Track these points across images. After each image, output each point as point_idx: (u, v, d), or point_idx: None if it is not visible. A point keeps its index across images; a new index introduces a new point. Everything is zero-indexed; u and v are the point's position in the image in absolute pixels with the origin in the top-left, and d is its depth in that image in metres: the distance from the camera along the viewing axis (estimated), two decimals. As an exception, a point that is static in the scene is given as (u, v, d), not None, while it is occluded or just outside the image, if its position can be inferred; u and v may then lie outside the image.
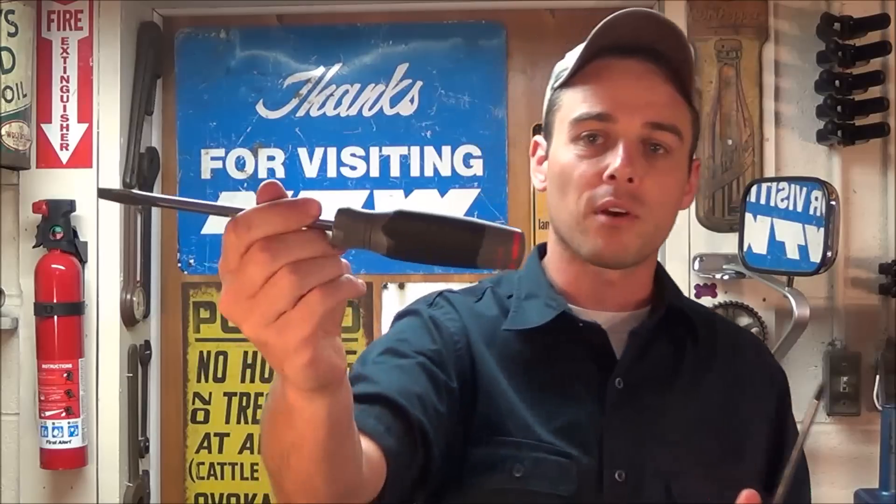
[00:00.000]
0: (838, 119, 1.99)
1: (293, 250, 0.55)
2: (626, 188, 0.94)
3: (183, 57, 2.30)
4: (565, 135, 0.99)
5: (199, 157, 2.29)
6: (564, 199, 0.98)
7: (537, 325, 0.99)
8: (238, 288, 0.56)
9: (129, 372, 2.17)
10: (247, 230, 0.55)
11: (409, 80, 2.25)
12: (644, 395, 0.97)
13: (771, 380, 1.08)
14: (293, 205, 0.55)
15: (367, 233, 0.57)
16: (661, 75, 0.97)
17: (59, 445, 2.01)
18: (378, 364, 0.93)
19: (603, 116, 0.96)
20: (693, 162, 1.04)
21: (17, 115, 2.02)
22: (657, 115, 0.96)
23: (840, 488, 2.03)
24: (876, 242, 2.07)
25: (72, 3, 2.14)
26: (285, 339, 0.56)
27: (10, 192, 2.14)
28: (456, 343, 0.98)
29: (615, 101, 0.96)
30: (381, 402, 0.86)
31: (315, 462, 0.66)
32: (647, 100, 0.96)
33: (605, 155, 0.95)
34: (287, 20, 2.29)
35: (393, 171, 2.25)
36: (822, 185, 1.81)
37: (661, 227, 0.99)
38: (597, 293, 1.02)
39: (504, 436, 0.94)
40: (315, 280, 0.55)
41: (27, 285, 2.08)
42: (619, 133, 0.95)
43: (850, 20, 1.98)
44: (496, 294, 1.06)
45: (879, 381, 2.00)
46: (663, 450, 0.95)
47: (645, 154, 0.96)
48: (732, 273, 2.02)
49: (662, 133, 0.96)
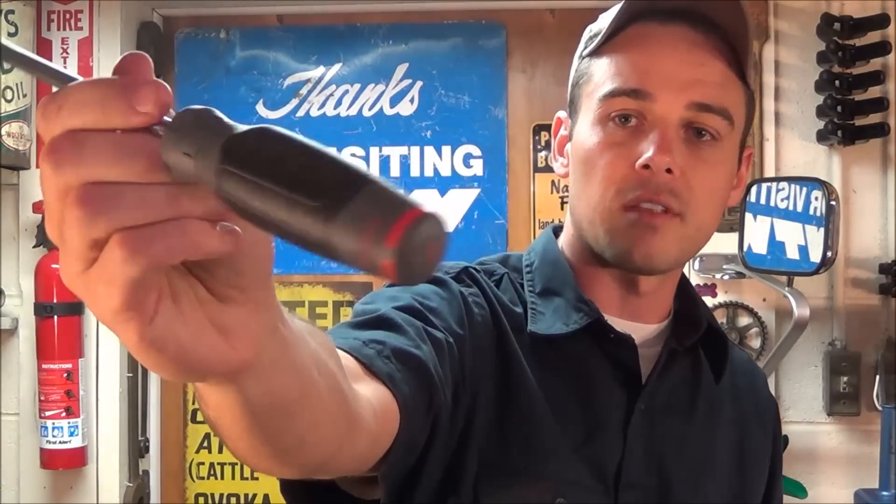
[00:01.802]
0: (838, 119, 1.99)
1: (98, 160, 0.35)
2: (663, 181, 0.78)
3: (183, 57, 2.29)
4: (593, 113, 0.82)
5: (199, 157, 2.28)
6: (588, 190, 0.82)
7: (565, 332, 0.83)
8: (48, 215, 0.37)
9: (129, 372, 2.17)
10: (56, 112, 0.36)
11: (409, 80, 2.25)
12: (664, 423, 0.85)
13: (771, 411, 1.00)
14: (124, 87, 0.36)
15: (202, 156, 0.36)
16: (712, 47, 0.81)
17: (59, 445, 2.01)
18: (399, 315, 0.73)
19: (639, 93, 0.80)
20: (745, 151, 0.88)
21: (17, 115, 2.02)
22: (705, 95, 0.80)
23: (840, 488, 2.03)
24: (876, 242, 2.07)
25: (72, 3, 2.14)
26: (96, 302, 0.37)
27: (10, 192, 2.14)
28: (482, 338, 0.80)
29: (655, 75, 0.80)
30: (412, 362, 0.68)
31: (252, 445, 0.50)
32: (694, 76, 0.80)
33: (639, 140, 0.80)
34: (287, 20, 2.29)
35: (393, 171, 2.25)
36: (822, 185, 1.81)
37: (704, 230, 0.84)
38: (624, 302, 0.87)
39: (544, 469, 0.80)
40: (118, 218, 0.35)
41: (27, 285, 2.08)
42: (657, 114, 0.79)
43: (850, 20, 1.98)
44: (511, 280, 0.88)
45: (879, 381, 2.00)
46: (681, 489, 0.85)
47: (688, 141, 0.80)
48: (732, 273, 2.02)
49: (710, 116, 0.80)
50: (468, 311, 0.80)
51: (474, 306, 0.81)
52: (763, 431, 0.96)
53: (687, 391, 0.88)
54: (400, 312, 0.73)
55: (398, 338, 0.69)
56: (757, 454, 0.94)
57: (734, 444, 0.91)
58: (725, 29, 0.81)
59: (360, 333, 0.67)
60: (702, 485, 0.87)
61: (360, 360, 0.63)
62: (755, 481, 0.94)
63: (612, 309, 0.86)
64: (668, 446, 0.85)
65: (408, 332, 0.70)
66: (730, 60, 0.82)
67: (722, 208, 0.86)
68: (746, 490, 0.92)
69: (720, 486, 0.88)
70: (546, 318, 0.84)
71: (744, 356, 1.03)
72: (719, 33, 0.81)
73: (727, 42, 0.82)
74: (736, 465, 0.91)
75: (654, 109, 0.79)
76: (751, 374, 1.00)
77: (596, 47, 0.84)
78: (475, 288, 0.83)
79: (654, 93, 0.79)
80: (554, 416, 0.81)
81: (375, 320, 0.71)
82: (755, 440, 0.94)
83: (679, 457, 0.85)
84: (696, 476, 0.86)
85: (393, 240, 0.34)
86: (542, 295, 0.86)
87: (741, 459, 0.92)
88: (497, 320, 0.82)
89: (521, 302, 0.86)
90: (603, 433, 0.82)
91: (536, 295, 0.86)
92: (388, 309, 0.73)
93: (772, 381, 2.03)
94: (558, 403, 0.81)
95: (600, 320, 0.83)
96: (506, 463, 0.78)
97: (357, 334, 0.68)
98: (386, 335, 0.69)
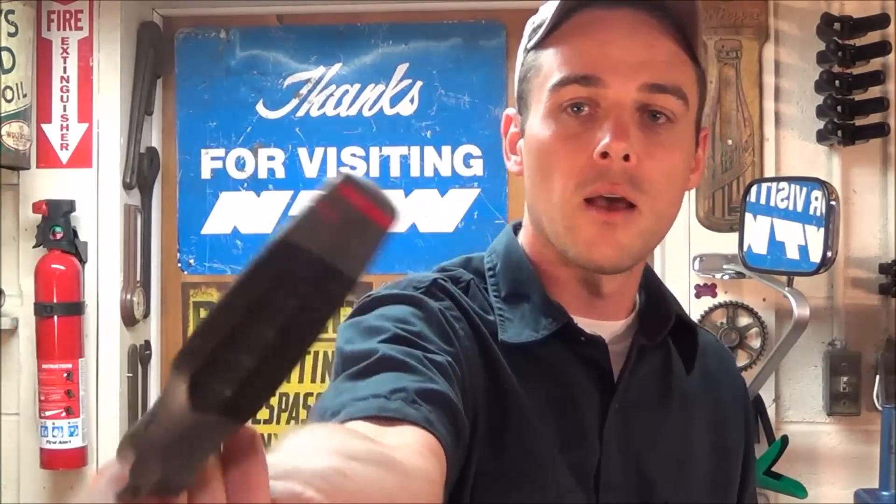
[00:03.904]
0: (838, 119, 1.99)
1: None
2: (622, 168, 0.76)
3: (183, 57, 2.29)
4: (544, 105, 0.80)
5: (199, 157, 2.29)
6: (546, 187, 0.80)
7: (536, 338, 0.81)
8: None
9: (129, 372, 2.17)
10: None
11: (409, 80, 2.25)
12: (639, 420, 0.84)
13: (742, 393, 0.99)
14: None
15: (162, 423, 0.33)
16: (661, 27, 0.80)
17: (59, 445, 2.01)
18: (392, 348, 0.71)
19: (589, 79, 0.77)
20: (701, 132, 0.86)
21: (17, 115, 2.02)
22: (656, 76, 0.78)
23: (840, 488, 2.03)
24: (876, 242, 2.07)
25: (72, 3, 2.14)
26: None
27: (10, 192, 2.14)
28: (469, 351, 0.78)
29: (604, 60, 0.78)
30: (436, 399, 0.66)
31: None
32: (644, 57, 0.78)
33: (594, 128, 0.77)
34: (287, 20, 2.29)
35: (393, 171, 2.25)
36: (822, 185, 1.81)
37: (665, 217, 0.82)
38: (589, 301, 0.85)
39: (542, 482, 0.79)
40: None
41: (27, 285, 2.08)
42: (610, 100, 0.77)
43: (850, 20, 1.98)
44: (477, 286, 0.85)
45: (879, 381, 2.00)
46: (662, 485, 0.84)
47: (643, 125, 0.78)
48: (732, 273, 2.02)
49: (664, 97, 0.78)
50: (451, 327, 0.78)
51: (454, 321, 0.79)
52: (735, 416, 0.96)
53: (659, 385, 0.87)
54: (396, 346, 0.70)
55: (411, 377, 0.66)
56: (732, 441, 0.94)
57: (712, 433, 0.90)
58: (672, 9, 0.80)
59: (371, 385, 0.64)
60: (683, 480, 0.86)
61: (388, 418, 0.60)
62: (735, 468, 0.93)
63: (578, 309, 0.84)
64: (645, 443, 0.84)
65: (417, 368, 0.68)
66: (678, 40, 0.80)
67: (681, 193, 0.83)
68: (728, 479, 0.91)
69: (701, 477, 0.87)
70: (515, 324, 0.82)
71: (710, 338, 1.00)
72: (666, 14, 0.80)
73: (675, 22, 0.80)
74: (716, 454, 0.90)
75: (607, 95, 0.77)
76: (720, 355, 0.99)
77: (541, 38, 0.82)
78: (448, 301, 0.80)
79: (605, 78, 0.77)
80: (538, 423, 0.79)
81: (377, 364, 0.68)
82: (732, 425, 0.94)
83: (657, 453, 0.84)
84: (677, 470, 0.85)
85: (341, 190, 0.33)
86: (508, 300, 0.84)
87: (720, 447, 0.90)
88: (476, 331, 0.80)
89: (491, 308, 0.83)
90: (581, 437, 0.81)
91: (502, 300, 0.84)
92: (383, 347, 0.70)
93: (772, 381, 2.03)
94: (538, 410, 0.80)
95: (570, 324, 0.82)
96: (503, 470, 0.77)
97: (368, 387, 0.65)
98: (398, 377, 0.66)
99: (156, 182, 2.27)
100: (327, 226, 0.33)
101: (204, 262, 2.29)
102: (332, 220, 0.33)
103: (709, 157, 2.08)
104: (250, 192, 2.28)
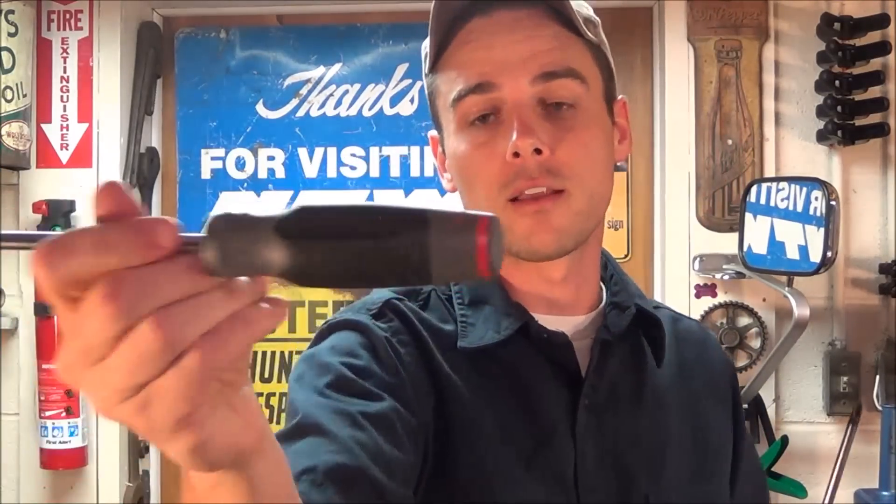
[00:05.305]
0: (838, 119, 1.99)
1: (156, 291, 0.38)
2: (536, 162, 0.78)
3: (183, 57, 2.29)
4: (453, 122, 0.83)
5: (199, 157, 2.29)
6: (473, 196, 0.83)
7: (497, 340, 0.81)
8: (76, 348, 0.38)
9: (129, 372, 2.17)
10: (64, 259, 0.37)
11: (409, 80, 2.25)
12: (613, 415, 0.83)
13: (726, 378, 0.98)
14: (141, 229, 0.38)
15: (257, 244, 0.39)
16: (538, 17, 0.81)
17: (59, 445, 2.01)
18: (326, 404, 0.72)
19: (483, 87, 0.80)
20: (616, 102, 0.88)
21: (17, 115, 2.02)
22: (545, 64, 0.79)
23: (840, 488, 2.03)
24: (876, 242, 2.07)
25: (72, 3, 2.14)
26: (153, 419, 0.39)
27: (10, 192, 2.14)
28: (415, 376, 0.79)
29: (491, 65, 0.80)
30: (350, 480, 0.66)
31: None
32: (528, 51, 0.80)
33: (502, 133, 0.79)
34: (287, 20, 2.29)
35: (393, 171, 2.25)
36: (822, 185, 1.81)
37: (598, 194, 0.83)
38: (544, 294, 0.86)
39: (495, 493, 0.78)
40: (193, 331, 0.38)
41: (27, 285, 2.08)
42: (508, 101, 0.79)
43: (850, 20, 1.98)
44: (439, 296, 0.86)
45: (879, 381, 2.00)
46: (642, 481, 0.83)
47: (548, 116, 0.80)
48: (732, 273, 2.02)
49: (559, 82, 0.80)
50: (396, 355, 0.78)
51: (399, 345, 0.80)
52: (718, 403, 0.94)
53: (630, 379, 0.87)
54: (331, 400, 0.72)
55: (329, 448, 0.67)
56: (715, 430, 0.92)
57: (689, 424, 0.89)
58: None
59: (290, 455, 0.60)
60: (663, 474, 0.85)
61: None
62: (719, 456, 0.92)
63: (540, 307, 0.85)
64: (622, 439, 0.83)
65: (338, 438, 0.68)
66: (560, 22, 0.82)
67: (609, 167, 0.84)
68: (710, 469, 0.90)
69: (681, 470, 0.86)
70: (477, 328, 0.83)
71: (693, 325, 1.00)
72: (538, 2, 0.81)
73: (551, 7, 0.81)
74: (695, 446, 0.89)
75: (504, 96, 0.79)
76: (702, 343, 0.98)
77: (433, 61, 0.84)
78: (398, 322, 0.81)
79: (497, 81, 0.79)
80: (500, 432, 0.79)
81: (302, 430, 0.69)
82: (711, 415, 0.93)
83: (634, 448, 0.84)
84: (656, 465, 0.85)
85: (482, 227, 0.40)
86: (472, 305, 0.85)
87: (699, 438, 0.90)
88: (424, 351, 0.81)
89: (452, 318, 0.84)
90: (552, 439, 0.80)
91: (466, 306, 0.85)
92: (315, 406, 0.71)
93: (772, 381, 2.03)
94: (503, 417, 0.80)
95: (530, 322, 0.82)
96: (455, 495, 0.77)
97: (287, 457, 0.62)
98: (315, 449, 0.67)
99: (156, 182, 2.27)
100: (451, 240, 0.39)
101: (204, 262, 2.28)
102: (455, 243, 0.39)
103: (709, 157, 2.08)
104: (250, 192, 2.28)
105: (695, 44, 2.08)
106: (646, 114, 2.19)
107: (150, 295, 0.37)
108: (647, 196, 2.19)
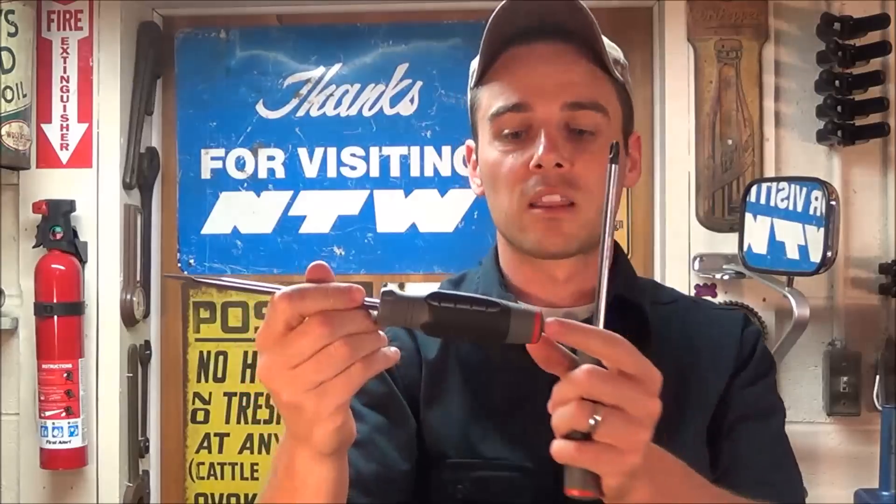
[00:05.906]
0: (838, 119, 1.99)
1: (347, 325, 0.63)
2: (556, 174, 0.90)
3: (183, 57, 2.30)
4: (488, 133, 0.96)
5: (199, 157, 2.29)
6: (498, 198, 0.96)
7: None
8: (283, 359, 0.63)
9: (129, 372, 2.17)
10: (301, 301, 0.63)
11: (409, 80, 2.25)
12: None
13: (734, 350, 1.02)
14: (344, 290, 0.64)
15: (409, 313, 0.66)
16: (574, 53, 0.93)
17: (59, 445, 2.01)
18: None
19: (519, 107, 0.93)
20: (631, 136, 1.00)
21: (17, 115, 2.02)
22: (575, 95, 0.92)
23: (840, 488, 2.03)
24: (876, 242, 2.07)
25: (72, 3, 2.14)
26: (323, 404, 0.64)
27: (10, 192, 2.14)
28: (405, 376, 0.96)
29: (529, 89, 0.93)
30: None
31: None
32: (562, 81, 0.92)
33: (530, 146, 0.92)
34: (287, 20, 2.29)
35: (393, 171, 2.25)
36: (822, 185, 1.81)
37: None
38: (547, 288, 0.98)
39: (447, 458, 0.93)
40: (361, 352, 0.64)
41: (27, 285, 2.08)
42: (539, 120, 0.92)
43: (850, 20, 1.98)
44: None
45: (879, 381, 2.00)
46: None
47: (571, 139, 0.92)
48: (732, 273, 2.02)
49: (584, 112, 0.92)
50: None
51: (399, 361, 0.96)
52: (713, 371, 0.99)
53: None
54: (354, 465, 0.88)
55: None
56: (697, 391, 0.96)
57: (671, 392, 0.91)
58: (580, 34, 0.92)
59: None
60: None
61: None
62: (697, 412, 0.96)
63: (542, 297, 0.98)
64: None
65: None
66: (592, 60, 0.93)
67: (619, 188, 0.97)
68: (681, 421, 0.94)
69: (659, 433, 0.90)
70: None
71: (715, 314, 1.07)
72: (575, 40, 0.93)
73: (587, 46, 0.93)
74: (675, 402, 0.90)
75: (536, 117, 0.92)
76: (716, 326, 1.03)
77: (478, 78, 0.97)
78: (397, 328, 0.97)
79: (532, 102, 0.92)
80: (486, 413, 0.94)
81: None
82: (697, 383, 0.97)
83: None
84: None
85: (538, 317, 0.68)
86: None
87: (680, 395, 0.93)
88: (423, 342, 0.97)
89: None
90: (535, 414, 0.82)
91: None
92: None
93: (772, 381, 2.03)
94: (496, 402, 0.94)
95: None
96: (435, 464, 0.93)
97: None
98: None
99: (156, 182, 2.27)
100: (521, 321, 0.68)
101: (204, 262, 2.29)
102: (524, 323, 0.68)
103: (709, 157, 2.08)
104: (250, 192, 2.28)
105: (695, 44, 2.08)
106: (646, 114, 2.19)
107: (344, 327, 0.63)
108: (647, 196, 2.19)
